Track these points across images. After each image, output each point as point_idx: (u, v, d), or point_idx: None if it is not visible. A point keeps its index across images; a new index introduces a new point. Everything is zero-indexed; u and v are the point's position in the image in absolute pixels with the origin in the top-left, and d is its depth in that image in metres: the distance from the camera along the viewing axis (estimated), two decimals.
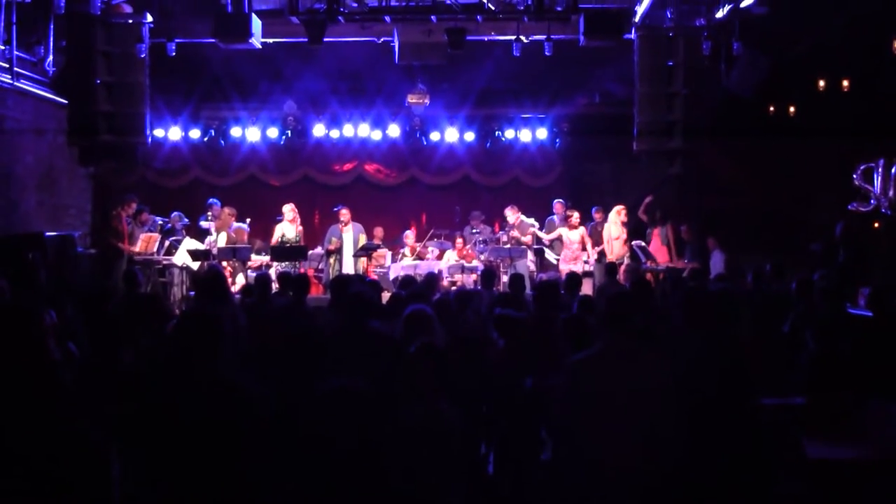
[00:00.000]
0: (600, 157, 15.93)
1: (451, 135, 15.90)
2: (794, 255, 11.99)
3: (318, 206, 16.78)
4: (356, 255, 14.37)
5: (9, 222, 12.62)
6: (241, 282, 13.13)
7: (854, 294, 9.34)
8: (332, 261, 14.57)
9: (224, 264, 13.25)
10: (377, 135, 16.01)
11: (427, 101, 15.05)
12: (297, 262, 13.95)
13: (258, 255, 14.56)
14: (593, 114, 15.75)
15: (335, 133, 16.02)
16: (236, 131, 15.94)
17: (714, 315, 5.20)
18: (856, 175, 12.55)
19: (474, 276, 13.75)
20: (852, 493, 4.93)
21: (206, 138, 15.98)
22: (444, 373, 4.25)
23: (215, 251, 13.49)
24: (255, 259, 14.25)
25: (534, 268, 14.62)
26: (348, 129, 15.90)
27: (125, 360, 5.22)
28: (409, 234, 15.33)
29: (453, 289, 11.60)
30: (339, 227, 14.61)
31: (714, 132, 12.14)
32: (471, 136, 15.97)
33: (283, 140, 16.04)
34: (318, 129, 15.91)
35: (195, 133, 15.89)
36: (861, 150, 12.80)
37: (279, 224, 14.47)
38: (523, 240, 14.57)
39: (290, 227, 14.40)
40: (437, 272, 11.31)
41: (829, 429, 5.28)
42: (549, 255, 14.80)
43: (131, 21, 11.79)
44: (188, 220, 14.78)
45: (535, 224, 14.80)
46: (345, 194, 16.33)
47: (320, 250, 14.97)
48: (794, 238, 13.56)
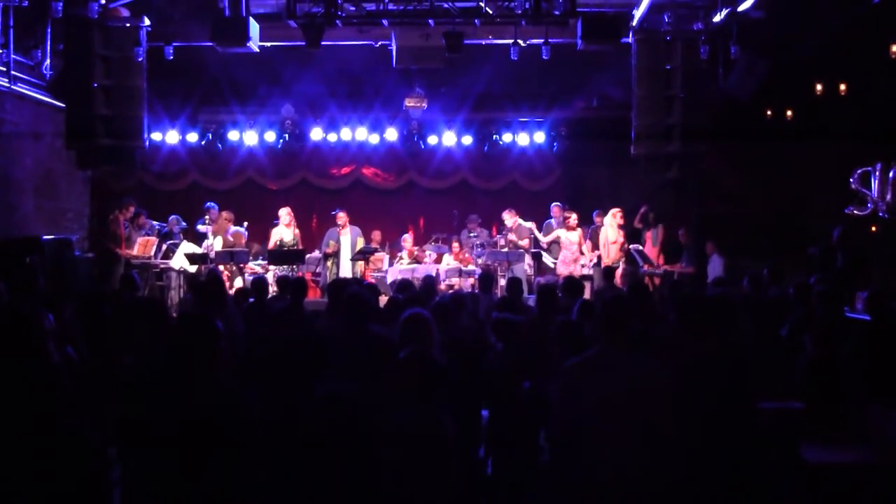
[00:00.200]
0: (598, 161, 15.93)
1: (449, 138, 15.92)
2: (792, 259, 12.00)
3: (316, 209, 16.79)
4: (354, 259, 14.37)
5: (7, 226, 12.59)
6: (239, 286, 13.12)
7: (852, 298, 9.34)
8: (329, 264, 14.58)
9: (221, 268, 13.24)
10: (375, 138, 16.03)
11: (425, 104, 15.05)
12: (295, 266, 13.95)
13: (255, 259, 14.55)
14: (591, 117, 15.76)
15: (333, 137, 16.04)
16: (234, 135, 15.95)
17: (710, 319, 5.21)
18: (853, 179, 12.55)
19: (472, 279, 13.75)
20: (851, 498, 4.93)
21: (204, 142, 16.00)
22: (435, 378, 4.25)
23: (213, 255, 13.49)
24: (252, 266, 14.23)
25: (531, 271, 14.62)
26: (346, 133, 15.92)
27: (123, 364, 5.21)
28: (406, 238, 15.33)
29: (449, 292, 11.60)
30: (337, 230, 14.62)
31: (712, 136, 12.13)
32: (468, 139, 15.98)
33: (281, 144, 16.04)
34: (316, 133, 15.91)
35: (193, 137, 15.90)
36: (858, 153, 12.79)
37: (275, 228, 14.46)
38: (521, 243, 14.58)
39: (286, 230, 14.40)
40: (434, 276, 11.30)
41: (827, 433, 5.29)
42: (546, 259, 14.81)
43: (129, 25, 11.75)
44: (186, 223, 14.79)
45: (533, 227, 14.81)
46: (342, 198, 16.35)
47: (318, 254, 14.96)
48: (791, 242, 13.56)
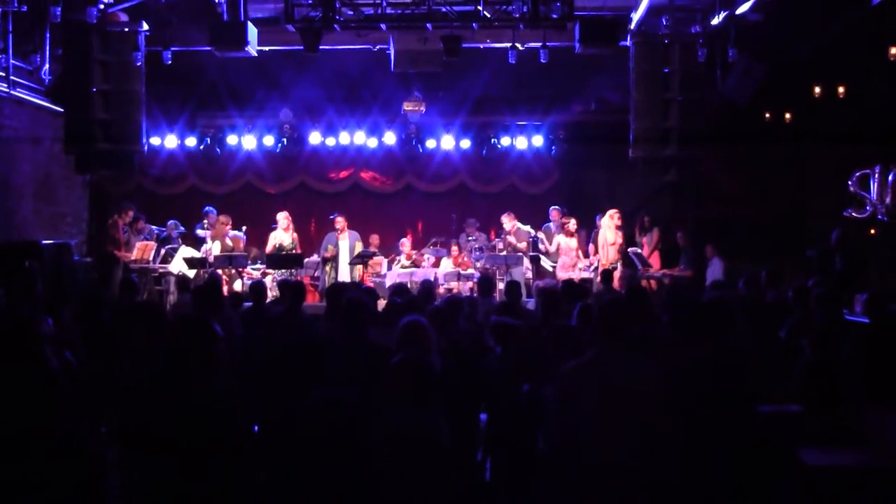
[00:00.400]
0: (596, 165, 15.93)
1: (447, 142, 15.91)
2: (791, 262, 12.00)
3: (315, 213, 16.77)
4: (352, 263, 14.35)
5: (6, 230, 12.61)
6: (237, 289, 13.11)
7: (851, 301, 9.34)
8: (328, 268, 14.56)
9: (220, 272, 13.24)
10: (373, 142, 16.02)
11: (423, 108, 15.06)
12: (294, 270, 13.95)
13: (254, 263, 14.55)
14: (589, 121, 15.78)
15: (331, 141, 16.04)
16: (232, 139, 15.94)
17: (706, 323, 5.21)
18: (851, 181, 12.55)
19: (470, 283, 13.74)
20: (849, 501, 4.93)
21: (203, 146, 15.99)
22: (429, 383, 4.25)
23: (211, 259, 13.48)
24: (251, 270, 14.22)
25: (530, 275, 14.61)
26: (344, 137, 15.92)
27: (122, 368, 5.21)
28: (405, 242, 15.30)
29: (446, 296, 11.57)
30: (336, 234, 14.61)
31: (710, 139, 12.14)
32: (467, 143, 15.98)
33: (280, 148, 16.04)
34: (315, 137, 15.91)
35: (191, 141, 15.89)
36: (857, 156, 12.81)
37: (274, 232, 14.44)
38: (519, 246, 14.57)
39: (284, 235, 14.37)
40: (433, 280, 11.29)
41: (826, 436, 5.28)
42: (544, 263, 14.79)
43: (127, 29, 11.75)
44: (184, 228, 14.79)
45: (532, 231, 14.80)
46: (341, 202, 16.34)
47: (316, 258, 14.95)
48: (789, 245, 13.57)
